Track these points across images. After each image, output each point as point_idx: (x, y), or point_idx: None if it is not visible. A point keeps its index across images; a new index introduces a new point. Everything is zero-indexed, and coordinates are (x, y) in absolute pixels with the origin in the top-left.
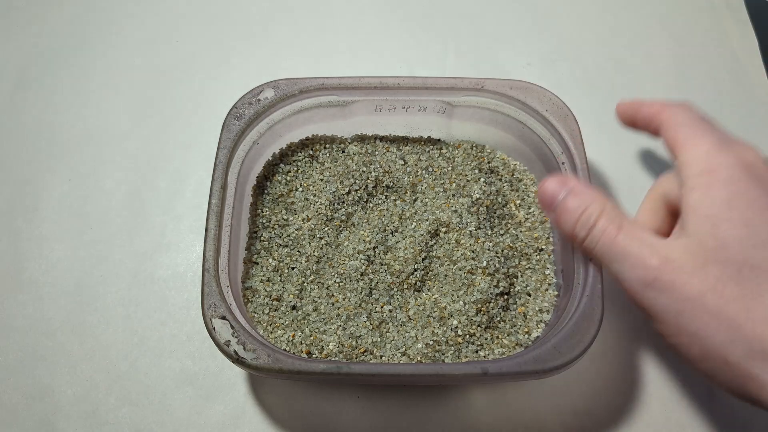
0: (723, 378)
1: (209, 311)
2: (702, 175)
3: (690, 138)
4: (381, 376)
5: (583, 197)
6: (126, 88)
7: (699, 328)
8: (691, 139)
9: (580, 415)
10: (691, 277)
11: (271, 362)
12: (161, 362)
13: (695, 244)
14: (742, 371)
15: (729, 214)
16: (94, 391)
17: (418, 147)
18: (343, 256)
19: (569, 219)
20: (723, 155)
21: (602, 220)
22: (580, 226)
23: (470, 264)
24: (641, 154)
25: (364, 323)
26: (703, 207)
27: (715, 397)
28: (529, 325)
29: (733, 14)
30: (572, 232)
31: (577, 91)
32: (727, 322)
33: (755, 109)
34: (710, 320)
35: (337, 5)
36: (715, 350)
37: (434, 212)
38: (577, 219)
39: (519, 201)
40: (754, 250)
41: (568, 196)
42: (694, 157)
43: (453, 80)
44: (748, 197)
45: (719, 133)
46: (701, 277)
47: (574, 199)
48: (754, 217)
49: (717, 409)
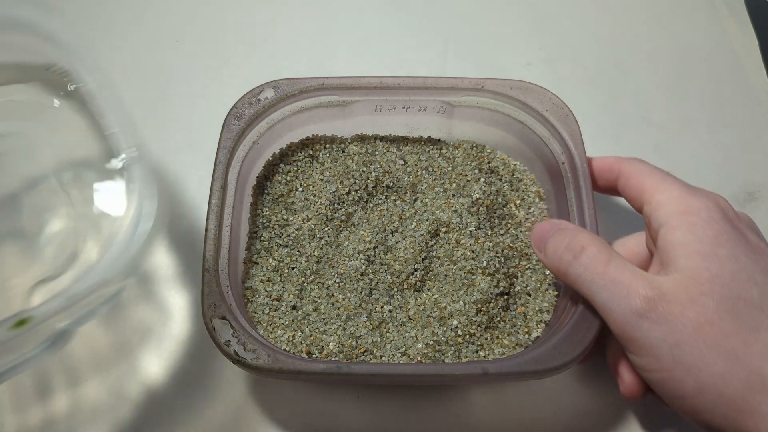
0: (715, 413)
1: (209, 311)
2: (682, 215)
3: (659, 183)
4: (381, 376)
5: (574, 230)
6: (126, 87)
7: (696, 360)
8: (661, 184)
9: (580, 415)
10: (688, 309)
11: (271, 362)
12: (161, 362)
13: (688, 278)
14: (739, 405)
15: (718, 250)
16: (93, 391)
17: (418, 147)
18: (343, 256)
19: (557, 245)
20: (697, 198)
21: (592, 248)
22: (567, 250)
23: (470, 264)
24: (641, 154)
25: (364, 323)
26: (691, 243)
27: None
28: (529, 325)
29: (733, 14)
30: (558, 259)
31: (577, 91)
32: (725, 354)
33: (755, 109)
34: (708, 352)
35: (337, 5)
36: (712, 383)
37: (434, 212)
38: (565, 245)
39: (519, 201)
40: (746, 284)
41: (558, 231)
42: (669, 199)
43: (453, 80)
44: (731, 236)
45: (683, 181)
46: (698, 309)
47: (564, 231)
48: (740, 254)
49: None
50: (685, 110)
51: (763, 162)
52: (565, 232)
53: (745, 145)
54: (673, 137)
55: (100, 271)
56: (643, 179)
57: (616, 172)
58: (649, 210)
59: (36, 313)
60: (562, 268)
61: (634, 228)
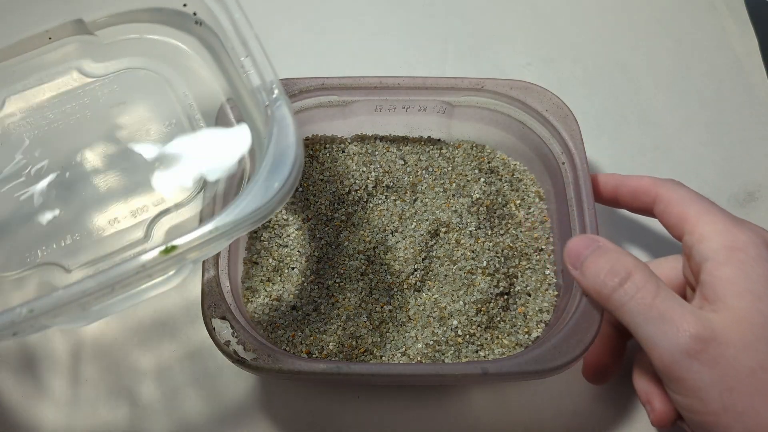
0: None
1: (209, 311)
2: (730, 251)
3: (703, 214)
4: (381, 376)
5: (616, 252)
6: None
7: (748, 407)
8: (705, 215)
9: (580, 415)
10: (741, 353)
11: (271, 362)
12: (161, 362)
13: (740, 319)
14: None
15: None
16: (93, 391)
17: (418, 147)
18: (343, 256)
19: (599, 268)
20: (743, 233)
21: (638, 276)
22: (611, 274)
23: (470, 264)
24: (641, 154)
25: (364, 323)
26: (740, 282)
27: None
28: (529, 325)
29: (733, 14)
30: (600, 283)
31: (577, 91)
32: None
33: (755, 109)
34: (761, 400)
35: (337, 5)
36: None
37: (434, 212)
38: (608, 269)
39: (519, 201)
40: None
41: (598, 250)
42: (714, 233)
43: (453, 80)
44: None
45: (726, 211)
46: (752, 354)
47: (605, 252)
48: None
49: None
50: (685, 110)
51: (763, 162)
52: (606, 253)
53: (745, 145)
54: (673, 137)
55: (239, 210)
56: (685, 208)
57: (653, 195)
58: (690, 241)
59: (179, 243)
60: (604, 293)
61: (635, 227)
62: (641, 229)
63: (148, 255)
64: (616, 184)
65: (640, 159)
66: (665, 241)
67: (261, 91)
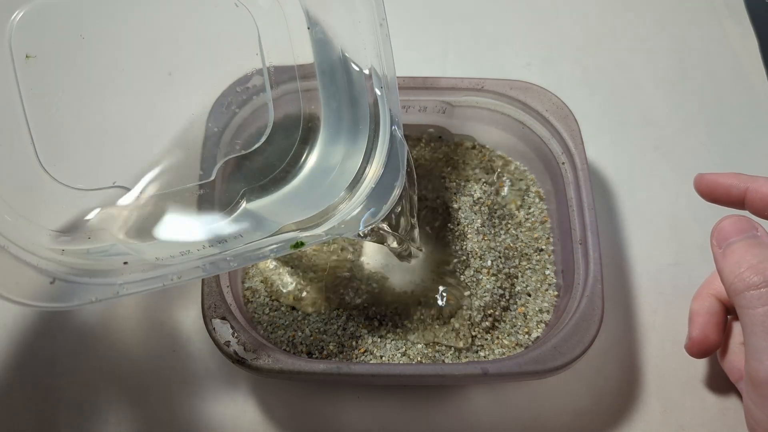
0: None
1: (209, 311)
2: None
3: None
4: (381, 376)
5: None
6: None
7: None
8: None
9: (580, 415)
10: None
11: (271, 362)
12: (161, 362)
13: None
14: None
15: None
16: (93, 391)
17: (419, 147)
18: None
19: (743, 259)
20: None
21: None
22: (754, 271)
23: (477, 263)
24: (641, 154)
25: (364, 323)
26: None
27: (714, 397)
28: (529, 325)
29: (733, 14)
30: (738, 275)
31: (577, 91)
32: None
33: (755, 109)
34: None
35: None
36: None
37: None
38: (752, 265)
39: (519, 201)
40: None
41: (753, 239)
42: None
43: (453, 80)
44: None
45: None
46: None
47: (757, 244)
48: None
49: (716, 409)
50: (685, 110)
51: (763, 162)
52: (759, 246)
53: (745, 145)
54: (673, 137)
55: (357, 203)
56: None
57: (743, 189)
58: None
59: (307, 240)
60: (737, 286)
61: (633, 228)
62: (640, 228)
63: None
64: (712, 185)
65: (640, 159)
66: (665, 242)
67: None
